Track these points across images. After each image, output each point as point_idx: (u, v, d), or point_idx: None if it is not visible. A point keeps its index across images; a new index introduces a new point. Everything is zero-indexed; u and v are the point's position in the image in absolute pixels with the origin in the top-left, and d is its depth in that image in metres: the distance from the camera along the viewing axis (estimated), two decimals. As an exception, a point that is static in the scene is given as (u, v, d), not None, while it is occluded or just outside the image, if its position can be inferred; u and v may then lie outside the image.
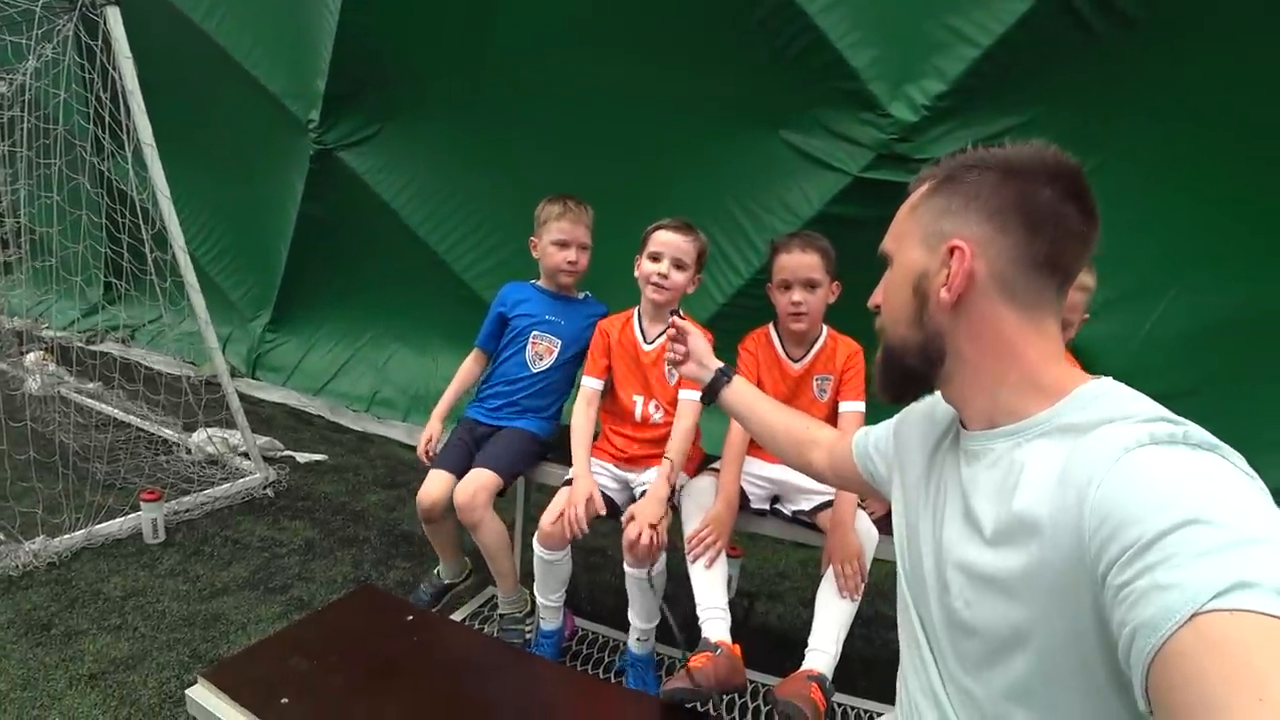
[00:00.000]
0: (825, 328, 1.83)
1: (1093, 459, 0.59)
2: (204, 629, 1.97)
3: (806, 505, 1.74)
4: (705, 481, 1.75)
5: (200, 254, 4.61)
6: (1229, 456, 0.56)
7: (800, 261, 1.71)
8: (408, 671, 1.30)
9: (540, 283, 2.09)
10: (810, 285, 1.71)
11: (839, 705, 1.77)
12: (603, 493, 1.75)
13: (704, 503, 1.70)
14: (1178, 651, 0.46)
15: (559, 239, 1.97)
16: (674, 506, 1.73)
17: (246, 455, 3.03)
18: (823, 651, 1.48)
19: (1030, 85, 2.22)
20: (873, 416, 1.25)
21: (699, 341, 1.29)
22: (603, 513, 1.72)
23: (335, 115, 3.56)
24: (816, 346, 1.81)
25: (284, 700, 1.16)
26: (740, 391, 1.24)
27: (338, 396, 4.15)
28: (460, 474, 1.89)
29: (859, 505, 1.63)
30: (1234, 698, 0.42)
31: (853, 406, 1.77)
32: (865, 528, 1.60)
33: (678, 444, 1.75)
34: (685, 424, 1.77)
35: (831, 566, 1.56)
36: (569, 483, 1.78)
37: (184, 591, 2.15)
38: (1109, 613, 0.54)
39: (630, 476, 1.89)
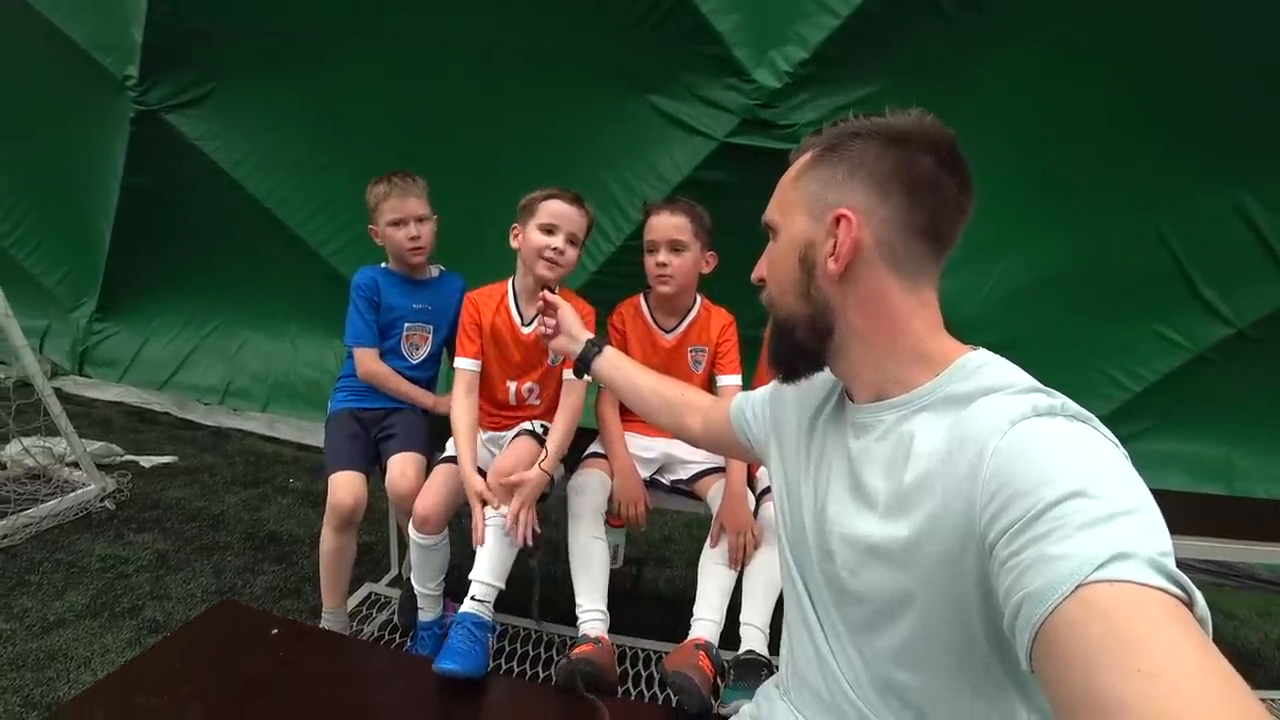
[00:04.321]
0: (699, 298, 1.83)
1: (982, 429, 0.60)
2: (38, 671, 1.74)
3: (685, 475, 1.77)
4: (591, 478, 1.70)
5: (-2, 236, 4.00)
6: (1098, 428, 0.59)
7: (667, 223, 1.70)
8: (275, 692, 1.21)
9: (391, 266, 1.97)
10: (675, 247, 1.70)
11: (729, 664, 1.83)
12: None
13: (595, 502, 1.66)
14: (1064, 622, 0.47)
15: (394, 218, 1.86)
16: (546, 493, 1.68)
17: (77, 465, 2.68)
18: (709, 620, 1.52)
19: (885, 57, 2.29)
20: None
21: (568, 314, 1.29)
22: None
23: (158, 71, 3.05)
24: (690, 317, 1.81)
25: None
26: (612, 360, 1.24)
27: (185, 389, 3.75)
28: (366, 470, 1.79)
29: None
30: (1115, 666, 0.44)
31: (730, 380, 1.79)
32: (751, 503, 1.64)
33: (560, 431, 1.71)
34: (571, 401, 1.74)
35: (725, 537, 1.59)
36: (452, 459, 1.71)
37: (9, 631, 1.88)
38: (994, 580, 0.55)
39: (503, 435, 1.83)
